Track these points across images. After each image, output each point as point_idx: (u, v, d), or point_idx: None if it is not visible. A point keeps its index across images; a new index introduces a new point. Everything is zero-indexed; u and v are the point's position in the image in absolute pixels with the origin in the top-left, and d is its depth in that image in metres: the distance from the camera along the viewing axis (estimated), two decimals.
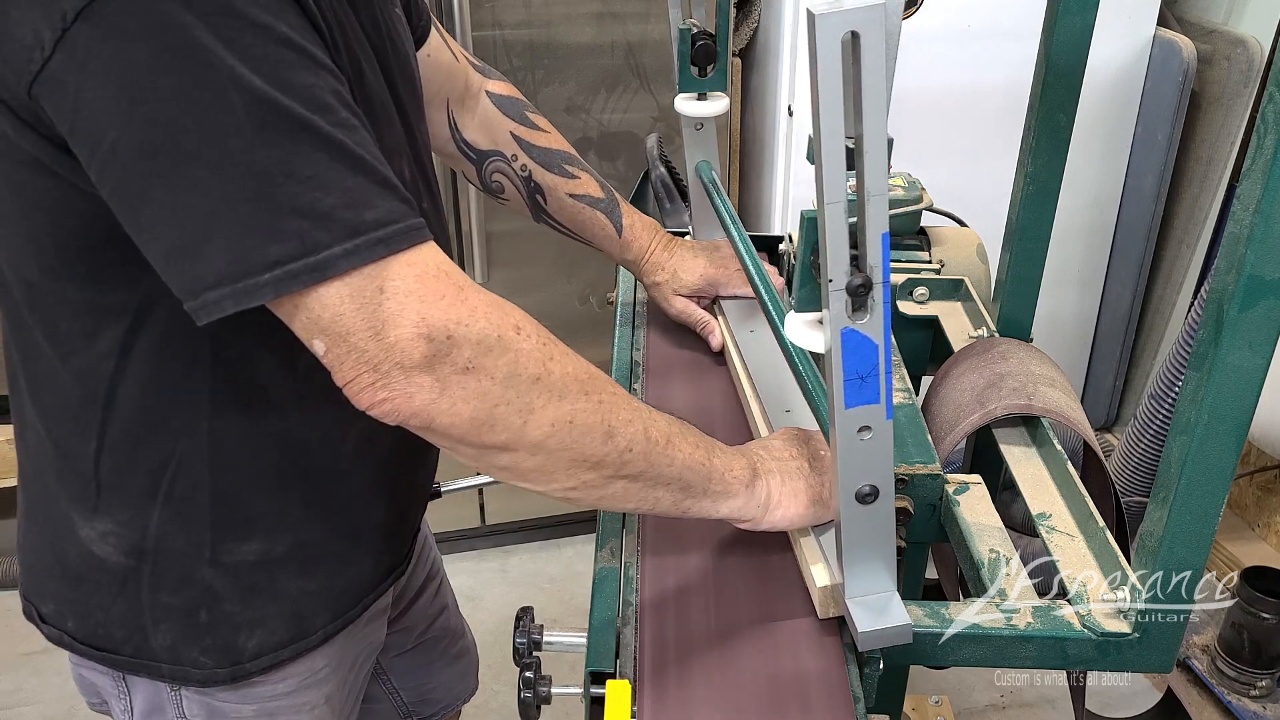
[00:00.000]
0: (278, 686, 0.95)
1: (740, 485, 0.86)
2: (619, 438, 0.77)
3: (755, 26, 2.25)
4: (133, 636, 0.90)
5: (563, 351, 0.76)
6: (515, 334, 0.72)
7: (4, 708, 2.06)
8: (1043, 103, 1.17)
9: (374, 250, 0.68)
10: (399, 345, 0.68)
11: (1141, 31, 2.21)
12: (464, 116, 1.18)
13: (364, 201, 0.68)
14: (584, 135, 2.14)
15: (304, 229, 0.66)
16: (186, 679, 0.91)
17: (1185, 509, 0.81)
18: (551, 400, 0.74)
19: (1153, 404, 2.03)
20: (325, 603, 0.95)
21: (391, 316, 0.68)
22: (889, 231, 0.68)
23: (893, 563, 0.82)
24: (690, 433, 0.84)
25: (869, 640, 0.81)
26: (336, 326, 0.69)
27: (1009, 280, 1.28)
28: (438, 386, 0.70)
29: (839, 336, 0.70)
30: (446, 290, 0.70)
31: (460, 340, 0.70)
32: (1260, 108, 0.70)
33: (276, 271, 0.66)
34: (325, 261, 0.67)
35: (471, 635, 1.37)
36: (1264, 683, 1.77)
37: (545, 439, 0.74)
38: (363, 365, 0.69)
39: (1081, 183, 2.28)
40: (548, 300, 2.25)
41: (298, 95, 0.66)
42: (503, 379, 0.71)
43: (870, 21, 0.61)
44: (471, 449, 0.74)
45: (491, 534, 2.52)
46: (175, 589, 0.89)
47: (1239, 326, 0.74)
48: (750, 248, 1.13)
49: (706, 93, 1.25)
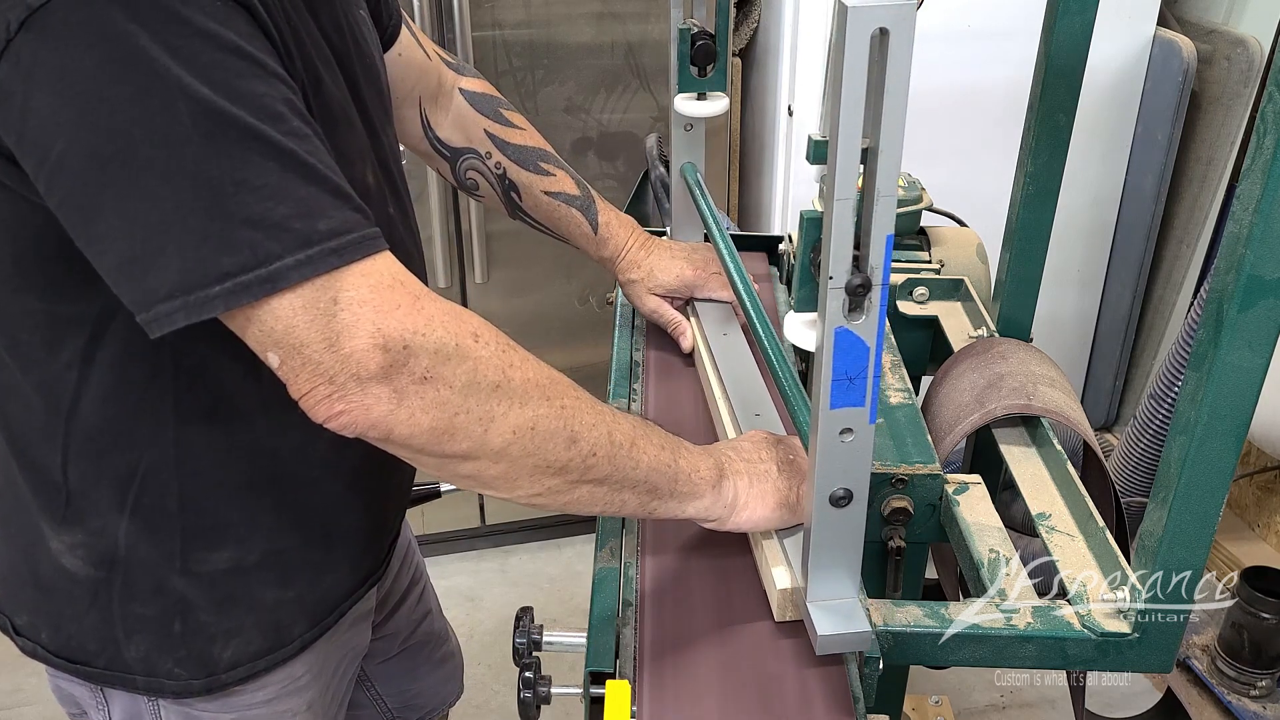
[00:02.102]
0: (256, 695, 0.94)
1: (706, 486, 0.85)
2: (582, 442, 0.77)
3: (755, 26, 2.25)
4: (105, 648, 0.89)
5: (522, 357, 0.75)
6: (474, 342, 0.72)
7: (4, 708, 2.06)
8: (1043, 103, 1.17)
9: (327, 260, 0.67)
10: (354, 356, 0.68)
11: (1141, 31, 2.21)
12: (437, 114, 1.17)
13: (317, 211, 0.68)
14: (584, 135, 2.14)
15: (256, 239, 0.66)
16: (161, 690, 0.90)
17: (1185, 509, 0.81)
18: (513, 407, 0.73)
19: (1153, 404, 2.03)
20: (302, 611, 0.94)
21: (346, 327, 0.68)
22: (893, 234, 0.68)
23: (858, 570, 0.81)
24: (655, 434, 0.83)
25: (827, 644, 0.79)
26: (290, 338, 0.68)
27: (1009, 280, 1.28)
28: (395, 397, 0.69)
29: (832, 335, 0.70)
30: (402, 300, 0.70)
31: (417, 350, 0.69)
32: (1260, 108, 0.70)
33: (228, 284, 0.66)
34: (278, 272, 0.66)
35: (456, 640, 1.36)
36: (1264, 683, 1.77)
37: (507, 446, 0.73)
38: (318, 377, 0.68)
39: (1081, 183, 2.28)
40: (547, 300, 2.25)
41: (247, 104, 0.66)
42: (462, 387, 0.71)
43: (901, 19, 0.61)
44: (433, 459, 0.73)
45: (491, 534, 2.52)
46: (147, 599, 0.87)
47: (1239, 326, 0.74)
48: (733, 251, 1.12)
49: (706, 93, 1.25)
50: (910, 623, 0.87)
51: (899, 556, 1.01)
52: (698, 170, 1.29)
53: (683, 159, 1.29)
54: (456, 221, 2.12)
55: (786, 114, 2.16)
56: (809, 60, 2.07)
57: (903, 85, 0.63)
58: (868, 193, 0.66)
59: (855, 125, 0.64)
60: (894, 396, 1.13)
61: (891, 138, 0.65)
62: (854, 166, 0.65)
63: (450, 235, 2.12)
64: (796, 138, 2.16)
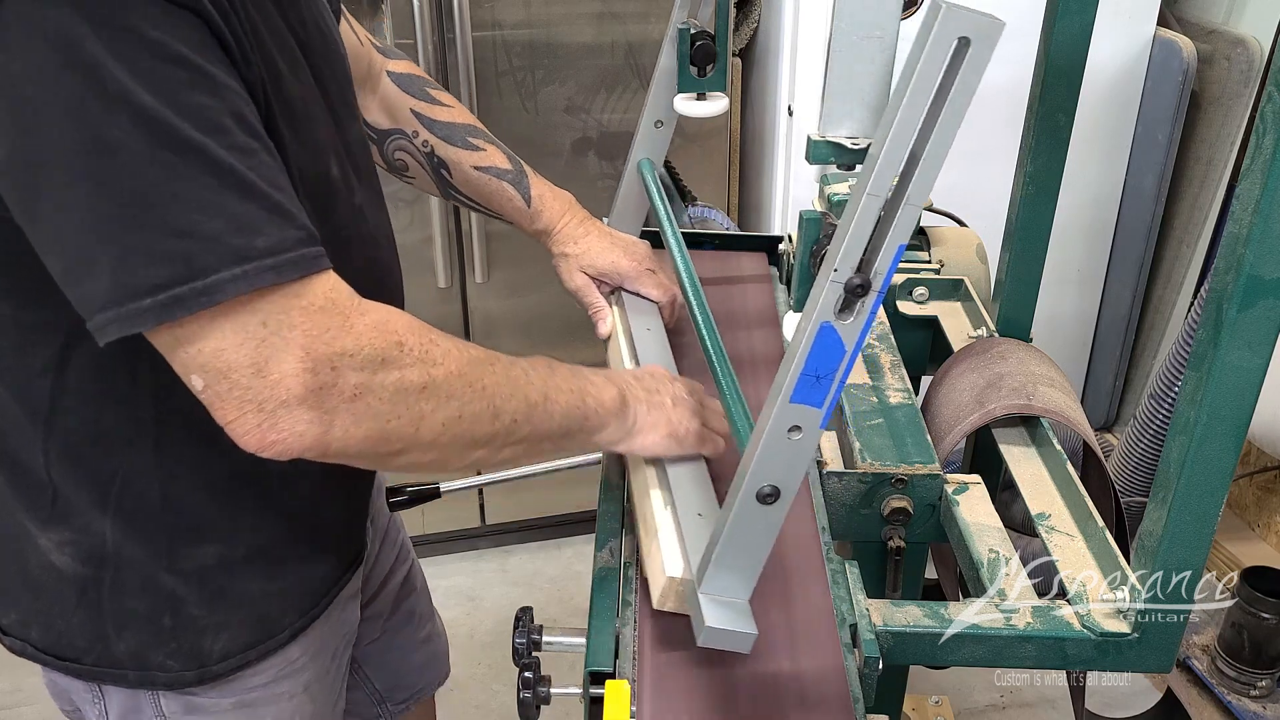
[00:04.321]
0: (253, 680, 0.95)
1: (611, 414, 0.90)
2: (504, 415, 0.81)
3: (755, 26, 2.25)
4: (95, 644, 0.89)
5: (444, 351, 0.78)
6: (399, 351, 0.74)
7: (4, 708, 2.06)
8: (1042, 103, 1.17)
9: (264, 277, 0.67)
10: (283, 382, 0.68)
11: (1141, 31, 2.21)
12: (366, 98, 1.17)
13: (253, 228, 0.67)
14: (584, 135, 2.14)
15: (190, 252, 0.65)
16: (153, 683, 0.91)
17: (1185, 509, 0.81)
18: (440, 404, 0.76)
19: (1153, 404, 2.03)
20: (290, 602, 0.95)
21: (276, 352, 0.68)
22: (905, 244, 0.67)
23: (757, 575, 0.80)
24: (561, 378, 0.87)
25: (710, 637, 0.78)
26: (217, 362, 0.68)
27: (1009, 280, 1.28)
28: (327, 419, 0.71)
29: (815, 328, 0.69)
30: (332, 323, 0.70)
31: (345, 370, 0.71)
32: (1260, 107, 0.70)
33: (160, 296, 0.65)
34: (214, 286, 0.65)
35: (441, 623, 1.37)
36: (1264, 683, 1.77)
37: (438, 438, 0.77)
38: (246, 404, 0.68)
39: (1081, 182, 2.28)
40: (547, 300, 2.25)
41: (190, 115, 0.65)
42: (390, 396, 0.73)
43: (987, 33, 0.61)
44: (368, 460, 0.77)
45: (491, 534, 2.52)
46: (137, 595, 0.88)
47: (1238, 326, 0.74)
48: (684, 250, 1.12)
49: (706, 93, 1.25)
50: (910, 623, 0.87)
51: (899, 556, 1.01)
52: (655, 168, 1.27)
53: (643, 155, 1.28)
54: (456, 221, 2.12)
55: (786, 114, 2.16)
56: (809, 60, 2.07)
57: (965, 100, 0.63)
58: (897, 196, 0.66)
59: (913, 124, 0.64)
60: (894, 396, 1.13)
61: (938, 149, 0.64)
62: (897, 165, 0.65)
63: (450, 235, 2.12)
64: (796, 138, 2.16)
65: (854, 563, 0.91)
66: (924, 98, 0.63)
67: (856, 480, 0.99)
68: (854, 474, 0.99)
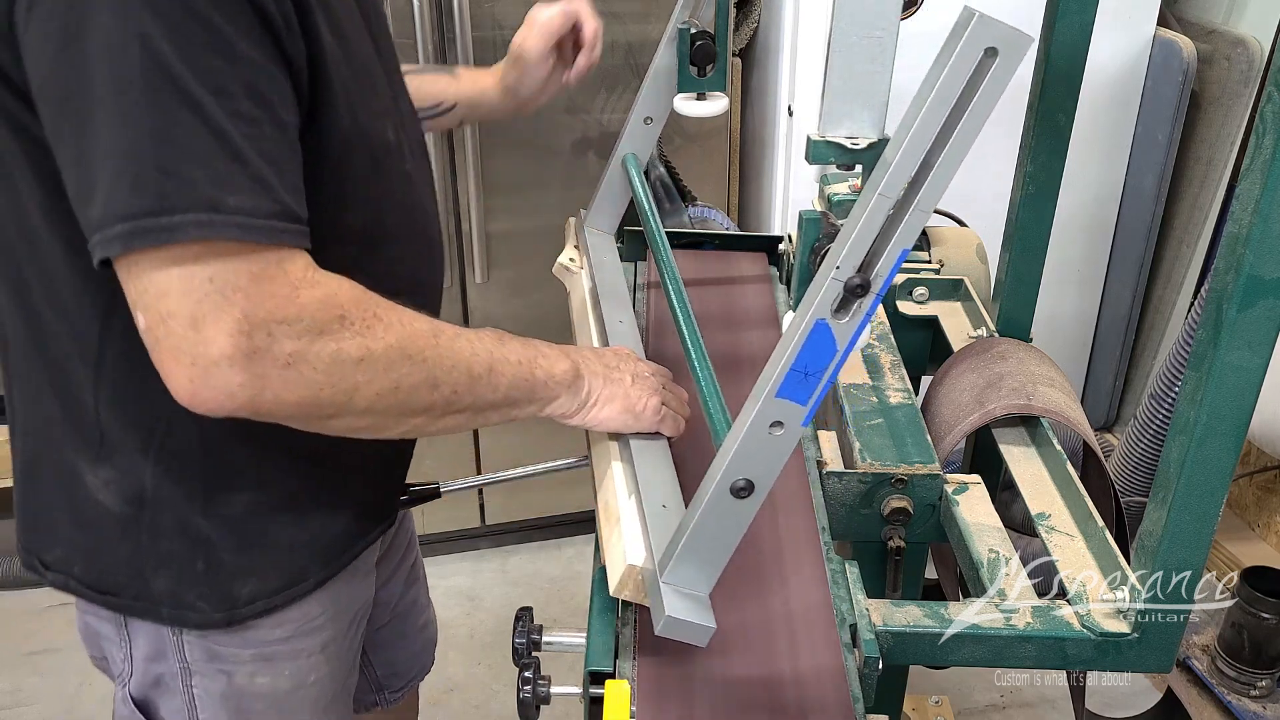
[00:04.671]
0: (274, 632, 0.98)
1: (563, 387, 0.92)
2: (444, 386, 0.82)
3: (755, 26, 2.25)
4: (134, 581, 0.93)
5: (386, 324, 0.79)
6: (339, 324, 0.76)
7: (4, 708, 2.06)
8: (1042, 103, 1.17)
9: (226, 231, 0.70)
10: (216, 341, 0.70)
11: (1141, 31, 2.21)
12: None
13: (231, 187, 0.70)
14: (584, 135, 2.13)
15: (167, 189, 0.69)
16: (184, 622, 0.94)
17: (1185, 509, 0.81)
18: (376, 375, 0.78)
19: (1153, 404, 2.03)
20: (316, 552, 0.98)
21: (214, 310, 0.70)
22: (909, 249, 0.67)
23: (721, 568, 0.80)
24: (511, 350, 0.89)
25: (669, 627, 0.77)
26: (160, 305, 0.70)
27: (1009, 280, 1.28)
28: (258, 382, 0.73)
29: (810, 324, 0.69)
30: (279, 291, 0.72)
31: (280, 337, 0.72)
32: (1260, 107, 0.70)
33: (128, 224, 0.68)
34: (175, 225, 0.69)
35: (433, 610, 1.39)
36: (1264, 683, 1.77)
37: (372, 405, 0.79)
38: (181, 355, 0.71)
39: (1081, 182, 2.28)
40: (547, 300, 2.25)
41: (200, 74, 0.69)
42: (325, 368, 0.75)
43: (1016, 45, 0.61)
44: (302, 423, 0.79)
45: (491, 534, 2.52)
46: (173, 537, 0.91)
47: (1238, 326, 0.74)
48: (667, 248, 1.13)
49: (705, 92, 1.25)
50: (910, 623, 0.87)
51: (899, 556, 1.01)
52: (640, 162, 1.28)
53: (629, 149, 1.28)
54: (457, 221, 2.12)
55: (786, 114, 2.16)
56: (809, 60, 2.07)
57: (985, 110, 0.63)
58: (906, 200, 0.66)
59: (931, 129, 0.64)
60: (894, 396, 1.13)
61: (953, 157, 0.64)
62: (912, 169, 0.65)
63: (450, 235, 2.11)
64: (796, 138, 2.16)
65: (854, 563, 0.91)
66: (945, 104, 0.63)
67: (856, 480, 0.99)
68: (854, 474, 0.99)
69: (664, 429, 0.97)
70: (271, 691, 1.00)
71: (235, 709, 0.99)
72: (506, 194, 2.11)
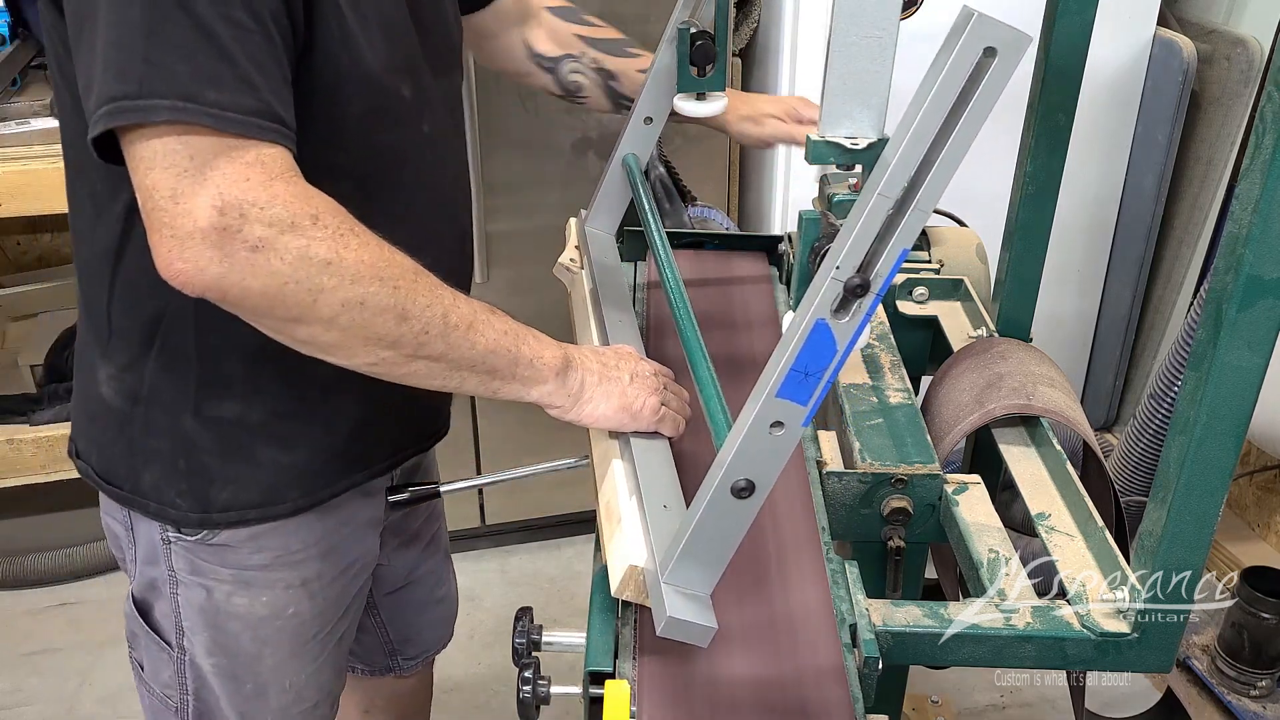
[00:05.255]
0: (253, 558, 1.01)
1: (550, 372, 0.92)
2: (414, 320, 0.83)
3: (755, 26, 2.25)
4: (130, 474, 1.00)
5: (362, 241, 0.81)
6: (311, 223, 0.78)
7: (4, 708, 2.06)
8: (1042, 102, 1.17)
9: (200, 119, 0.74)
10: (192, 213, 0.74)
11: (1141, 31, 2.21)
12: (533, 34, 1.29)
13: (212, 81, 0.75)
14: (584, 135, 2.13)
15: (147, 76, 0.74)
16: (165, 517, 1.00)
17: (1184, 509, 0.81)
18: (343, 283, 0.79)
19: (1153, 404, 2.03)
20: (295, 477, 1.00)
21: (192, 185, 0.74)
22: (909, 249, 0.67)
23: (722, 568, 0.80)
24: (500, 320, 0.89)
25: (670, 628, 0.78)
26: (146, 180, 0.75)
27: (1008, 280, 1.28)
28: (226, 261, 0.76)
29: (810, 324, 0.69)
30: (254, 175, 0.76)
31: (252, 220, 0.75)
32: (1260, 107, 0.70)
33: (109, 105, 0.74)
34: (149, 108, 0.74)
35: (455, 583, 1.43)
36: (1264, 683, 1.77)
37: (336, 317, 0.80)
38: (164, 226, 0.75)
39: (1081, 182, 2.28)
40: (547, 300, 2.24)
41: None
42: (292, 260, 0.77)
43: (1015, 45, 0.61)
44: (269, 321, 0.81)
45: (491, 534, 2.52)
46: (162, 435, 0.97)
47: (1238, 326, 0.74)
48: (667, 244, 1.13)
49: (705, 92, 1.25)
50: (910, 623, 0.87)
51: (899, 556, 1.01)
52: (640, 162, 1.28)
53: (629, 150, 1.28)
54: None
55: None
56: (809, 60, 2.07)
57: (985, 110, 0.63)
58: (906, 200, 0.66)
59: (931, 128, 0.64)
60: (894, 396, 1.13)
61: (953, 157, 0.64)
62: (911, 169, 0.65)
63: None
64: None
65: (854, 563, 0.91)
66: (944, 104, 0.63)
67: (856, 480, 0.99)
68: (854, 474, 0.99)
69: (663, 429, 0.97)
70: (248, 614, 1.03)
71: (212, 623, 1.04)
72: (506, 194, 2.11)
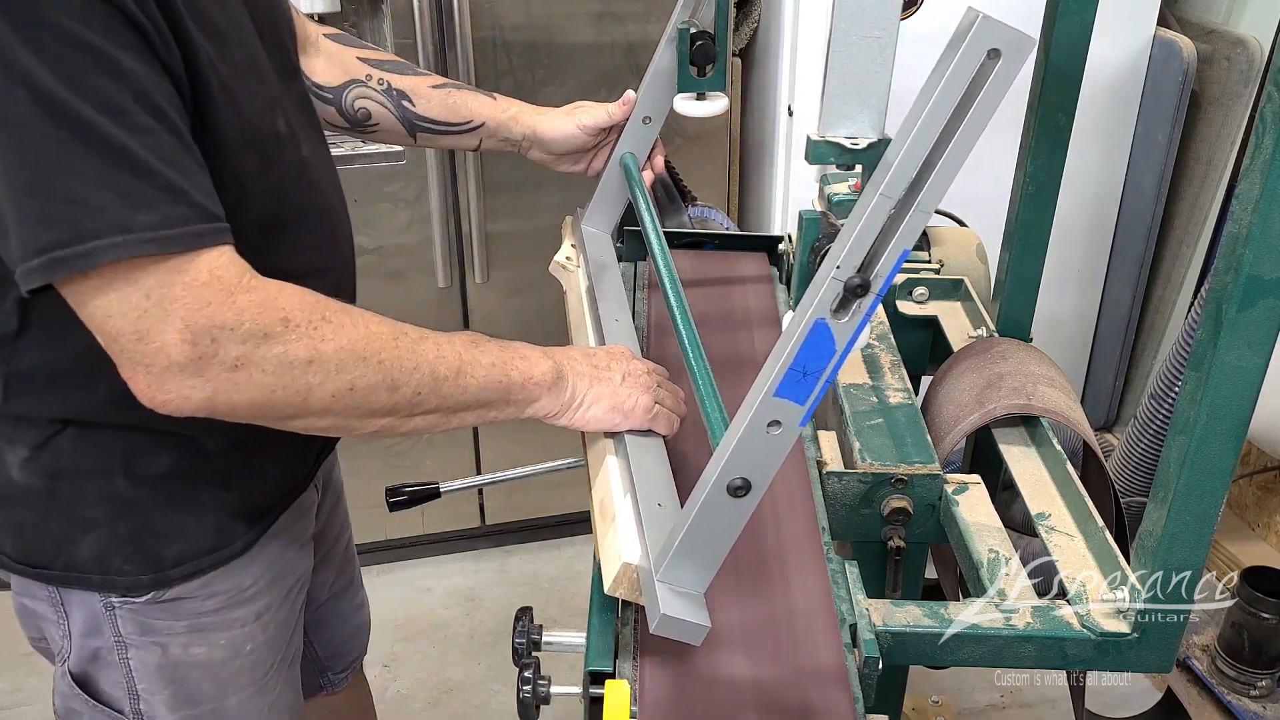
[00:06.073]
0: (206, 604, 0.99)
1: (543, 389, 0.92)
2: (404, 387, 0.84)
3: (755, 26, 2.25)
4: (62, 551, 0.94)
5: (336, 327, 0.80)
6: (283, 327, 0.77)
7: (4, 708, 2.06)
8: (1042, 103, 1.17)
9: (144, 247, 0.72)
10: (165, 350, 0.74)
11: (1141, 31, 2.21)
12: (310, 62, 1.20)
13: (140, 203, 0.72)
14: None
15: (76, 218, 0.71)
16: (113, 587, 0.95)
17: (1184, 509, 0.81)
18: (328, 376, 0.80)
19: (1153, 404, 2.03)
20: (240, 511, 0.99)
21: (156, 323, 0.73)
22: (909, 250, 0.67)
23: (716, 567, 0.80)
24: (484, 353, 0.89)
25: (664, 626, 0.77)
26: (108, 327, 0.74)
27: (1009, 280, 1.28)
28: (209, 385, 0.76)
29: (810, 324, 0.69)
30: (213, 296, 0.75)
31: (225, 342, 0.75)
32: (1260, 107, 0.70)
33: (45, 257, 0.71)
34: (92, 251, 0.71)
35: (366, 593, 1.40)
36: (1264, 683, 1.77)
37: (329, 407, 0.81)
38: (136, 366, 0.75)
39: (1081, 182, 2.28)
40: (547, 300, 2.24)
41: (89, 96, 0.70)
42: (274, 369, 0.77)
43: (1018, 47, 0.61)
44: (265, 421, 0.81)
45: (491, 534, 2.52)
46: (95, 504, 0.93)
47: (1238, 326, 0.74)
48: (664, 243, 1.13)
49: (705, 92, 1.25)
50: (910, 623, 0.87)
51: (899, 556, 1.01)
52: (637, 161, 1.28)
53: (627, 149, 1.28)
54: (456, 221, 2.12)
55: (786, 114, 2.16)
56: (809, 60, 2.07)
57: (988, 112, 0.63)
58: (907, 200, 0.66)
59: (934, 129, 0.63)
60: (894, 396, 1.13)
61: (955, 158, 0.64)
62: (913, 169, 0.65)
63: (450, 235, 2.11)
64: (796, 138, 2.16)
65: (854, 563, 0.91)
66: (948, 105, 0.63)
67: (856, 480, 0.99)
68: (854, 474, 0.99)
69: (656, 427, 0.97)
70: (207, 661, 1.02)
71: (172, 678, 1.01)
72: (506, 194, 2.11)
